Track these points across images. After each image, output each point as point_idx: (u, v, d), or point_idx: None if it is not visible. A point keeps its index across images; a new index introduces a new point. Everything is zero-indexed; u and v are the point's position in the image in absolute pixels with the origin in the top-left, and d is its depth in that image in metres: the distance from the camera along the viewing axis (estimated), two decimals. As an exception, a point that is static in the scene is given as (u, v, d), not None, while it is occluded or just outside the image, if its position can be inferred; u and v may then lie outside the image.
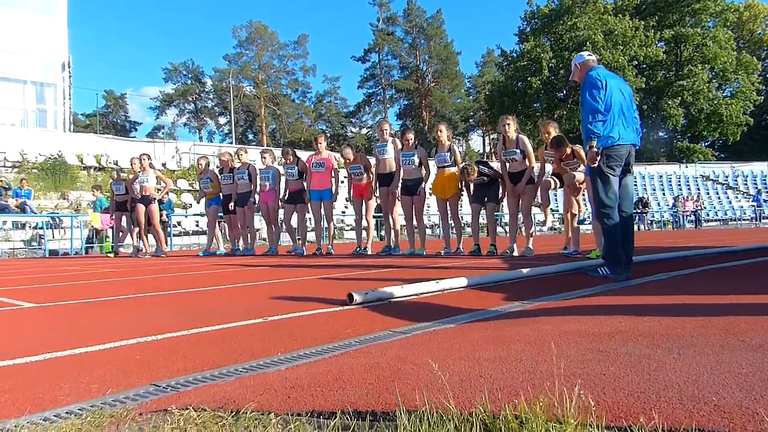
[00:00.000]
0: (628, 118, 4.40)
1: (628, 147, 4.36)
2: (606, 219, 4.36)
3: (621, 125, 4.31)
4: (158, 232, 10.41)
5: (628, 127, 4.37)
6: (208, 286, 4.46)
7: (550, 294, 3.33)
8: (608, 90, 4.29)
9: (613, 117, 4.28)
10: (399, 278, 4.58)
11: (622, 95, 4.39)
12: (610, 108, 4.27)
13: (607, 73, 4.51)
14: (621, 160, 4.31)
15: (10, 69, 28.16)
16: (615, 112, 4.29)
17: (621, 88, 4.45)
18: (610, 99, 4.28)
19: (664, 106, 45.16)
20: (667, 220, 29.23)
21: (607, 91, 4.28)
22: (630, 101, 4.48)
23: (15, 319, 3.05)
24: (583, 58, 4.69)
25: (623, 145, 4.31)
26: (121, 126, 63.55)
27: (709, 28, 46.68)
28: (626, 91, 4.50)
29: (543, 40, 47.66)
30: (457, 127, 65.59)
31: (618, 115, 4.31)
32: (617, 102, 4.31)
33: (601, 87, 4.27)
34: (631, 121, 4.42)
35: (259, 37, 60.53)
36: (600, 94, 4.25)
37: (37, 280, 5.72)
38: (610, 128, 4.27)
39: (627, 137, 4.34)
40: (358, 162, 8.57)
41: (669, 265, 5.05)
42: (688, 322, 2.09)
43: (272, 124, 62.39)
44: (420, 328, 2.39)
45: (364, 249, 8.49)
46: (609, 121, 4.26)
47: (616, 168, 4.32)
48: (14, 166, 21.23)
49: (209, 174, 10.17)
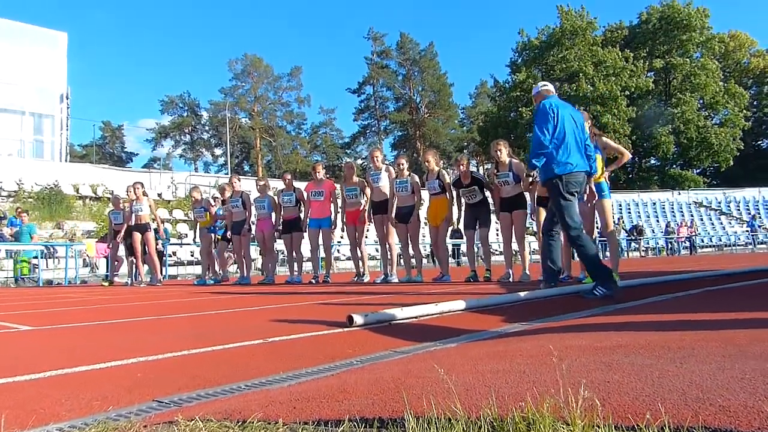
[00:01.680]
0: (580, 146, 4.53)
1: (583, 174, 4.53)
2: (578, 241, 4.49)
3: (577, 153, 4.47)
4: (153, 261, 10.38)
5: (581, 154, 4.52)
6: (208, 311, 4.44)
7: (549, 315, 3.34)
8: (559, 119, 4.43)
9: (569, 145, 4.43)
10: (397, 303, 4.58)
11: (574, 124, 4.53)
12: (563, 137, 4.42)
13: (560, 102, 4.67)
14: (579, 186, 4.50)
15: (9, 100, 28.43)
16: (570, 141, 4.44)
17: (573, 116, 4.59)
18: (563, 128, 4.43)
19: (655, 134, 45.70)
20: (662, 247, 29.30)
21: (558, 121, 4.43)
22: (581, 130, 4.62)
23: (14, 341, 3.03)
24: (537, 89, 4.91)
25: (580, 172, 4.47)
26: (118, 157, 63.73)
27: (697, 59, 47.59)
28: (578, 120, 4.65)
29: (535, 71, 48.37)
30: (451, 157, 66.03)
31: (573, 143, 4.46)
32: (570, 130, 4.46)
33: (551, 117, 4.42)
34: (583, 149, 4.57)
35: (254, 69, 61.25)
36: (548, 126, 4.41)
37: (33, 306, 5.68)
38: (568, 155, 4.42)
39: (582, 165, 4.50)
40: (356, 184, 8.57)
41: (667, 288, 5.06)
42: (687, 335, 2.10)
43: (268, 155, 62.71)
44: (421, 348, 2.39)
45: (362, 276, 8.46)
46: (565, 149, 4.42)
47: (575, 193, 4.49)
48: (10, 196, 21.22)
49: (203, 203, 10.16)
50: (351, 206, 8.55)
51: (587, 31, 47.12)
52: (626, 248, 27.14)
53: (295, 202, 9.03)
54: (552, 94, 4.81)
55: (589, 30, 47.53)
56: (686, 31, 46.81)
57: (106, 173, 26.30)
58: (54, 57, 30.26)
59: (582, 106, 44.23)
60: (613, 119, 44.67)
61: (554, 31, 48.16)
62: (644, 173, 50.38)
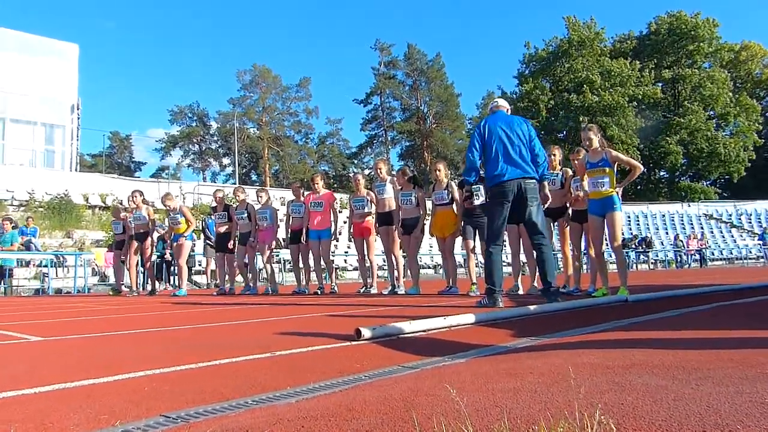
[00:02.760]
0: (514, 155, 4.88)
1: (515, 182, 4.83)
2: (489, 254, 4.95)
3: (505, 163, 4.85)
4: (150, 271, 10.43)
5: (513, 162, 4.86)
6: (214, 322, 4.43)
7: (560, 330, 3.30)
8: (488, 136, 4.92)
9: (496, 158, 4.86)
10: (405, 315, 4.55)
11: (506, 136, 4.93)
12: (491, 152, 4.88)
13: (500, 117, 5.12)
14: (507, 195, 4.83)
15: (21, 111, 28.82)
16: (497, 154, 4.87)
17: (507, 129, 4.97)
18: (490, 143, 4.89)
19: (662, 143, 45.52)
20: (671, 260, 29.08)
21: (486, 138, 4.92)
22: (521, 138, 4.98)
23: (22, 352, 3.03)
24: (489, 107, 5.41)
25: (509, 181, 4.82)
26: (126, 166, 64.16)
27: (706, 69, 47.43)
28: (519, 130, 5.02)
29: (542, 82, 48.42)
30: (459, 167, 66.01)
31: (502, 155, 4.86)
32: (498, 144, 4.88)
33: (477, 137, 4.96)
34: (519, 155, 4.90)
35: (262, 80, 61.59)
36: (474, 145, 4.96)
37: (42, 316, 5.69)
38: (495, 168, 4.86)
39: (513, 173, 4.84)
40: (363, 195, 8.53)
41: (677, 302, 5.01)
42: (702, 354, 2.06)
43: (275, 165, 62.90)
44: (430, 363, 2.36)
45: (369, 288, 8.43)
46: (492, 163, 4.86)
47: (504, 202, 4.85)
48: (21, 205, 21.41)
49: (181, 210, 10.00)
50: (358, 217, 8.51)
51: (595, 42, 47.15)
52: (635, 261, 26.97)
53: (303, 213, 9.02)
54: (501, 109, 5.28)
55: (597, 41, 47.57)
56: (694, 42, 46.70)
57: (115, 183, 26.47)
58: (65, 68, 30.61)
59: (588, 117, 44.22)
60: (620, 130, 44.57)
61: (562, 42, 48.24)
62: (653, 185, 50.17)
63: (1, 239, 13.36)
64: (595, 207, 5.91)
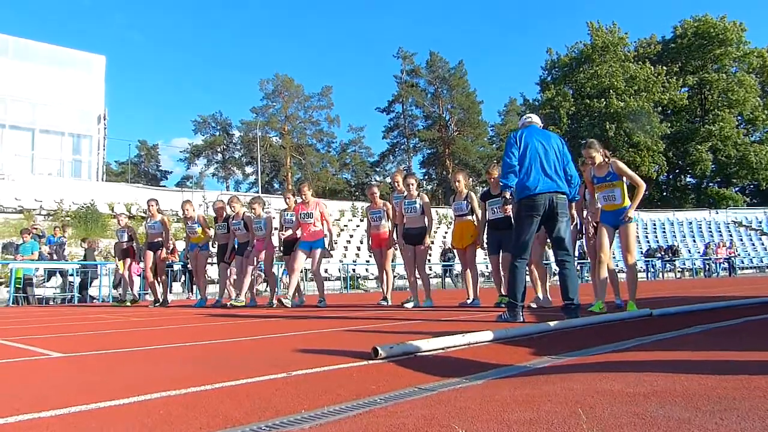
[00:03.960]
0: (548, 168, 4.81)
1: (547, 196, 4.73)
2: (514, 267, 4.87)
3: (538, 175, 4.76)
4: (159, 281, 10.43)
5: (546, 175, 4.78)
6: (230, 338, 4.45)
7: (580, 348, 3.24)
8: (523, 146, 4.83)
9: (528, 170, 4.78)
10: (423, 330, 4.51)
11: (543, 148, 4.86)
12: (523, 162, 4.79)
13: (534, 130, 5.04)
14: (537, 209, 4.74)
15: (49, 121, 29.57)
16: (530, 166, 4.78)
17: (544, 142, 4.91)
18: (525, 154, 4.80)
19: (692, 151, 44.76)
20: (699, 268, 28.51)
21: (521, 147, 4.83)
22: (557, 154, 4.94)
23: (44, 370, 3.07)
24: (522, 121, 5.29)
25: (540, 194, 4.73)
26: (152, 175, 65.20)
27: (733, 74, 46.57)
28: (553, 145, 4.97)
29: (565, 89, 48.03)
30: (481, 174, 65.75)
31: (536, 167, 4.78)
32: (533, 156, 4.80)
33: (515, 143, 4.86)
34: (553, 170, 4.83)
35: (285, 89, 62.21)
36: (512, 150, 4.84)
37: (65, 329, 5.77)
38: (527, 179, 4.77)
39: (544, 186, 4.74)
40: (380, 207, 8.39)
41: (705, 317, 4.89)
42: (728, 381, 2.00)
43: (297, 173, 63.36)
44: (446, 385, 2.32)
45: (386, 300, 8.33)
46: (524, 174, 4.78)
47: (534, 216, 4.76)
48: (49, 214, 21.85)
49: (198, 219, 9.87)
50: (375, 229, 8.43)
51: (618, 47, 46.64)
52: (661, 269, 26.51)
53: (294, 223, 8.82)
54: (533, 124, 5.14)
55: (621, 46, 47.06)
56: (721, 46, 45.92)
57: (140, 192, 26.91)
58: (92, 80, 31.32)
59: (614, 123, 43.71)
60: (646, 136, 43.96)
61: (584, 47, 47.82)
62: (679, 191, 49.35)
63: (21, 249, 13.62)
64: (608, 217, 5.81)
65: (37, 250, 13.67)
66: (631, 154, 44.29)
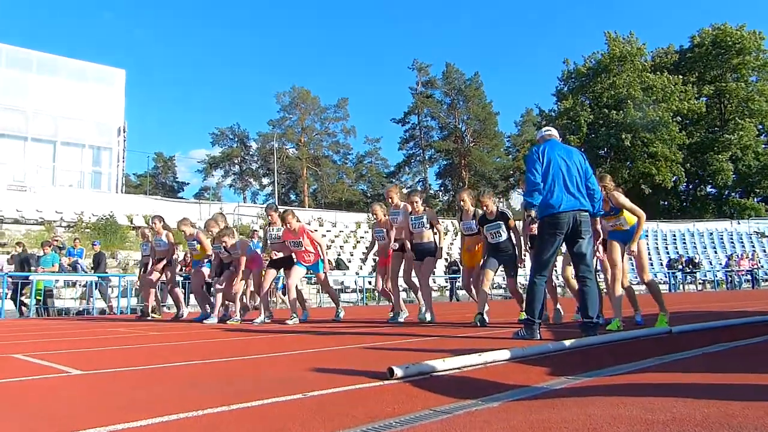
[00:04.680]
0: (571, 185, 4.76)
1: (570, 214, 4.69)
2: (533, 284, 4.87)
3: (561, 193, 4.71)
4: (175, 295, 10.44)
5: (569, 193, 4.73)
6: (245, 355, 4.47)
7: (598, 368, 3.20)
8: (546, 162, 4.75)
9: (551, 187, 4.72)
10: (438, 348, 4.49)
11: (565, 164, 4.80)
12: (546, 179, 4.72)
13: (555, 144, 4.98)
14: (562, 227, 4.69)
15: (70, 134, 30.13)
16: (553, 182, 4.72)
17: (565, 157, 4.84)
18: (548, 170, 4.73)
19: (711, 161, 44.19)
20: (721, 280, 28.05)
21: (544, 163, 4.74)
22: (579, 167, 4.89)
23: (63, 388, 3.10)
24: (540, 134, 5.24)
25: (564, 212, 4.69)
26: (170, 186, 65.85)
27: (753, 83, 46.02)
28: (575, 160, 4.90)
29: (581, 99, 47.78)
30: (497, 186, 65.57)
31: (558, 184, 4.72)
32: (556, 172, 4.74)
33: (537, 159, 4.77)
34: (575, 186, 4.78)
35: (301, 101, 62.70)
36: (535, 166, 4.75)
37: (84, 344, 5.83)
38: (550, 197, 4.71)
39: (568, 203, 4.69)
40: (383, 225, 8.27)
41: (725, 334, 4.81)
42: (750, 408, 1.96)
43: (314, 184, 63.66)
44: (462, 407, 2.31)
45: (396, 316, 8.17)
46: (548, 192, 4.71)
47: (557, 234, 4.72)
48: (69, 226, 22.16)
49: (196, 236, 9.78)
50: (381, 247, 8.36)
51: (636, 57, 46.32)
52: (682, 281, 26.15)
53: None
54: (552, 138, 5.08)
55: (638, 56, 46.74)
56: (739, 55, 45.42)
57: (159, 204, 27.21)
58: (113, 93, 31.87)
59: (631, 134, 43.35)
60: (664, 146, 43.54)
61: (602, 57, 47.57)
62: (699, 201, 48.71)
63: (42, 261, 13.80)
64: (617, 235, 5.75)
65: (58, 262, 13.86)
66: (647, 165, 43.87)
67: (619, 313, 5.63)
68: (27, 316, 13.25)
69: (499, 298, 20.25)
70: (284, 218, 8.33)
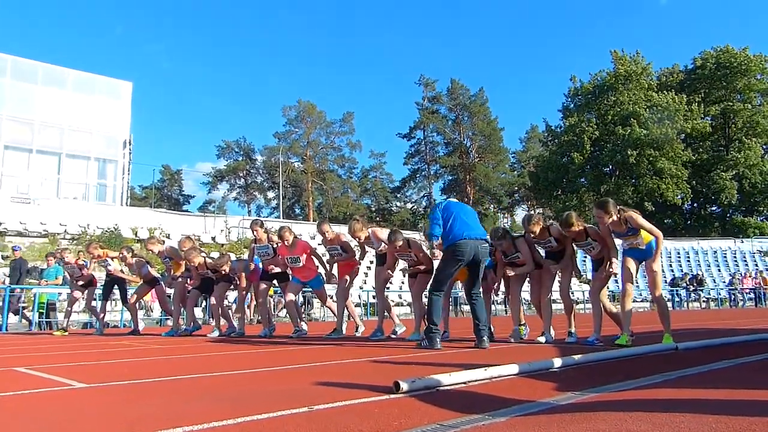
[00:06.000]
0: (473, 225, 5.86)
1: (472, 242, 5.71)
2: (432, 300, 5.77)
3: (461, 227, 5.76)
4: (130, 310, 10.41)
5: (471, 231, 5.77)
6: (249, 369, 4.46)
7: (604, 383, 3.18)
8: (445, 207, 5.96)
9: (455, 224, 5.77)
10: (443, 362, 4.48)
11: (463, 210, 6.02)
12: (450, 218, 5.81)
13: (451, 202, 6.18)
14: (464, 254, 5.69)
15: (76, 146, 30.24)
16: (457, 221, 5.80)
17: (461, 206, 6.15)
18: (449, 212, 5.86)
19: (716, 179, 44.14)
20: (725, 298, 27.88)
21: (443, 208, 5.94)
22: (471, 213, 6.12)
23: (67, 401, 3.10)
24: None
25: (467, 240, 5.69)
26: (175, 199, 66.07)
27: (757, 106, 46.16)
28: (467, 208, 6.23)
29: (587, 116, 47.86)
30: (502, 201, 65.64)
31: (460, 223, 5.78)
32: (459, 215, 5.86)
33: (438, 209, 5.97)
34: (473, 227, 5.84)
35: (307, 115, 63.07)
36: (435, 214, 5.93)
37: (88, 357, 5.83)
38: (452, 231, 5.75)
39: (468, 233, 5.73)
40: (336, 243, 8.05)
41: (731, 351, 4.78)
42: (757, 424, 1.95)
43: (319, 198, 63.79)
44: (468, 422, 2.30)
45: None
46: (450, 227, 5.78)
47: (460, 259, 5.72)
48: (74, 239, 22.19)
49: (168, 253, 9.75)
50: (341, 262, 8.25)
51: (642, 77, 46.44)
52: (686, 299, 26.00)
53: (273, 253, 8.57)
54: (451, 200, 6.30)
55: (644, 75, 46.87)
56: (743, 76, 45.56)
57: (164, 217, 27.27)
58: (119, 105, 32.06)
59: (636, 150, 43.34)
60: (669, 163, 43.53)
61: (608, 75, 47.71)
62: (704, 219, 48.56)
63: (45, 273, 13.76)
64: (633, 253, 5.74)
65: (61, 274, 13.82)
66: (654, 181, 43.82)
67: (628, 328, 5.61)
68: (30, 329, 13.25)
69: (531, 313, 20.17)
70: (281, 236, 8.18)
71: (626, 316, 5.72)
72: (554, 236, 6.35)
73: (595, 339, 5.97)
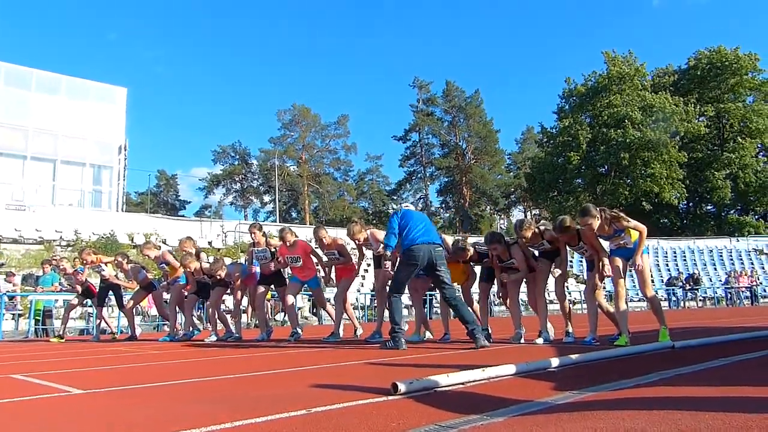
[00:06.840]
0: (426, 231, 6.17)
1: (425, 247, 6.03)
2: (392, 300, 6.14)
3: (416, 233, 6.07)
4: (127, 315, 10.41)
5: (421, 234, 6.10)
6: (247, 372, 4.46)
7: (602, 382, 3.19)
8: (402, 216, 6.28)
9: (410, 231, 6.09)
10: (441, 363, 4.49)
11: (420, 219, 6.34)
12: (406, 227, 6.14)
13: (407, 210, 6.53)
14: (419, 258, 5.99)
15: (71, 152, 30.06)
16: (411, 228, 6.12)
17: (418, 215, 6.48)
18: (406, 222, 6.20)
19: (710, 178, 44.26)
20: (721, 297, 27.97)
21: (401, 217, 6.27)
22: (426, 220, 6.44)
23: (65, 407, 3.09)
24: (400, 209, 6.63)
25: (420, 245, 6.01)
26: (171, 205, 65.90)
27: (750, 104, 46.31)
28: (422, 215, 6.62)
29: (582, 117, 47.89)
30: (498, 203, 65.70)
31: (414, 230, 6.10)
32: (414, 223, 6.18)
33: (396, 218, 6.30)
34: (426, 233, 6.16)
35: (302, 119, 63.04)
36: (392, 224, 6.24)
37: (86, 363, 5.82)
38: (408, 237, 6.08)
39: (423, 239, 6.06)
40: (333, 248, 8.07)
41: (727, 349, 4.80)
42: (754, 420, 1.96)
43: (315, 201, 63.71)
44: (467, 422, 2.30)
45: None
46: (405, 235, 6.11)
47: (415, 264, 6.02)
48: (69, 245, 22.11)
49: (164, 259, 9.70)
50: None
51: (635, 78, 46.50)
52: (682, 298, 26.07)
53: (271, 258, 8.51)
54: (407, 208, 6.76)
55: (638, 76, 46.92)
56: (735, 75, 45.72)
57: (159, 222, 27.20)
58: (114, 111, 31.91)
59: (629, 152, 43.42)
60: (663, 165, 43.63)
61: (601, 77, 47.74)
62: (699, 219, 48.70)
63: (41, 281, 13.72)
64: (620, 252, 5.72)
65: (57, 281, 13.79)
66: (648, 184, 43.90)
67: (626, 329, 5.60)
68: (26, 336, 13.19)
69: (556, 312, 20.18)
70: (282, 237, 8.21)
71: (622, 317, 5.71)
72: (547, 240, 6.37)
73: (591, 339, 5.99)
